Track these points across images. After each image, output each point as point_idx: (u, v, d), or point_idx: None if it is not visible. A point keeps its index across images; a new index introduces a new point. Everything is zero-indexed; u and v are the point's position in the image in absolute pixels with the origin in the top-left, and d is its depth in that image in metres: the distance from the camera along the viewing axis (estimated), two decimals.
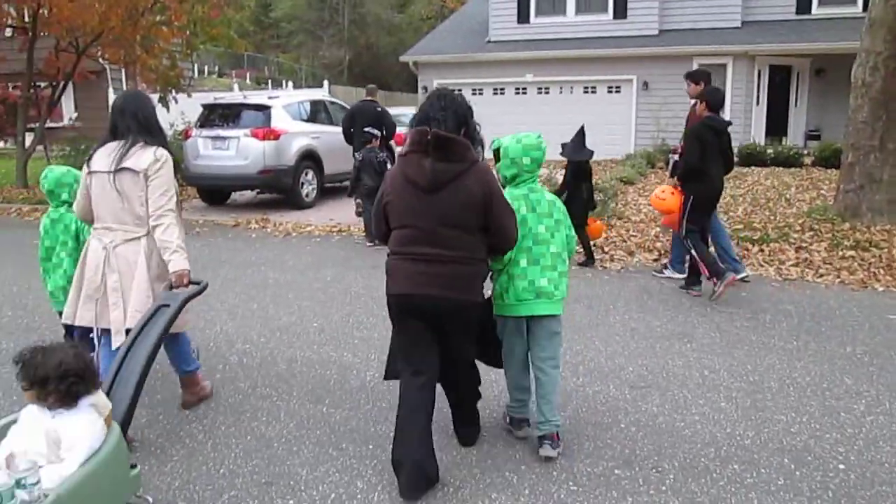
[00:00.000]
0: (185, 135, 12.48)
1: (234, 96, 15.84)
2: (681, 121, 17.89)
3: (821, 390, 4.39)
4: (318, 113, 12.78)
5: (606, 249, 8.35)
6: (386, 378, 3.70)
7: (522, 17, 20.14)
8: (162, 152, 3.68)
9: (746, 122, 18.01)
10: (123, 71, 24.59)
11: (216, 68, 36.36)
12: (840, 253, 7.86)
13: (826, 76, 18.42)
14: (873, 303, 6.34)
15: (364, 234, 9.18)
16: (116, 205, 3.65)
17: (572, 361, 4.87)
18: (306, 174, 11.84)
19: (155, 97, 15.57)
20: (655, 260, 7.97)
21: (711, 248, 6.64)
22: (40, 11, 12.97)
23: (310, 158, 11.86)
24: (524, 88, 20.14)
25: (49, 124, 15.44)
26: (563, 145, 7.50)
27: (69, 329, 4.06)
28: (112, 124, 3.73)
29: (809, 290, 6.75)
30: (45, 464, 2.54)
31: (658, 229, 9.10)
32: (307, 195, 11.87)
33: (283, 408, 4.20)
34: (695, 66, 18.09)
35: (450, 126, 3.29)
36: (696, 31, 18.60)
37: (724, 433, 3.84)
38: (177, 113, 14.73)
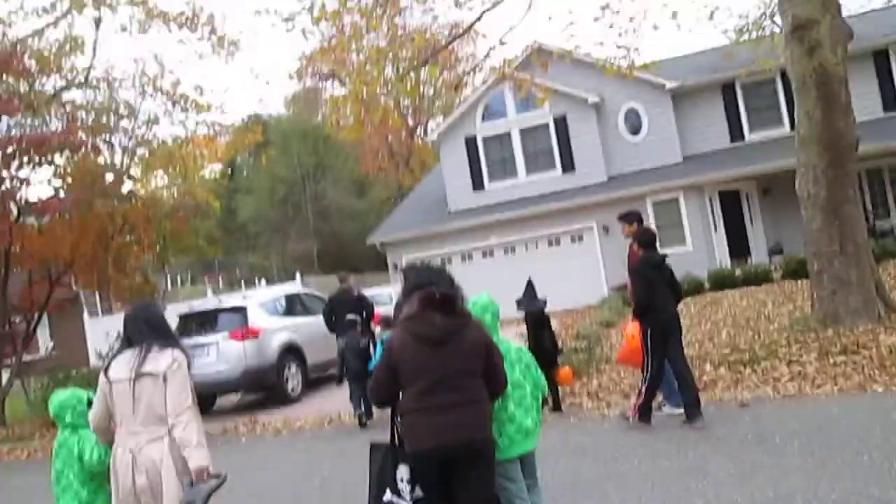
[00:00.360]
0: None
1: (209, 301, 15.98)
2: None
3: None
4: (294, 306, 12.90)
5: (601, 396, 8.24)
6: None
7: (477, 184, 21.04)
8: (178, 353, 3.88)
9: (709, 249, 18.51)
10: (98, 294, 24.87)
11: (189, 276, 36.91)
12: (831, 360, 7.85)
13: (773, 194, 19.23)
14: (877, 405, 6.27)
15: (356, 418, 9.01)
16: (140, 409, 3.76)
17: None
18: (290, 368, 11.73)
19: None
20: None
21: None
22: (12, 248, 13.24)
23: (292, 352, 11.81)
24: (490, 251, 20.65)
25: (25, 357, 15.31)
26: (518, 301, 8.15)
27: None
28: (126, 335, 3.98)
29: (811, 403, 6.68)
30: None
31: None
32: (293, 389, 11.71)
33: None
34: (648, 204, 18.89)
35: (446, 287, 3.70)
36: (642, 171, 19.52)
37: None
38: None
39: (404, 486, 3.60)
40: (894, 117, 18.33)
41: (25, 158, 13.16)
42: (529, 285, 8.16)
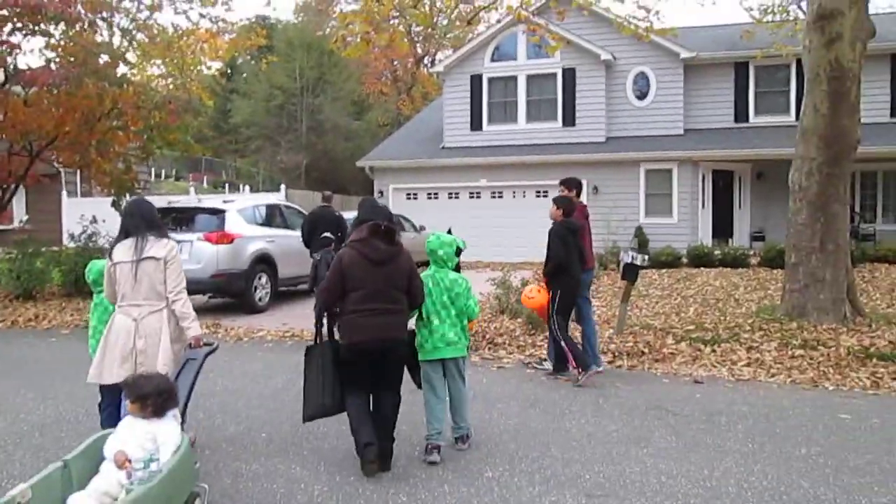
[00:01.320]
0: None
1: (189, 200, 15.83)
2: (632, 223, 18.38)
3: (778, 494, 4.34)
4: (273, 217, 12.81)
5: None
6: (305, 420, 4.90)
7: (476, 124, 20.81)
8: (171, 243, 4.73)
9: (693, 224, 18.58)
10: (79, 174, 24.55)
11: (173, 172, 36.47)
12: (790, 352, 7.97)
13: (766, 180, 19.25)
14: (825, 402, 6.39)
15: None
16: (141, 286, 4.58)
17: (528, 469, 4.75)
18: (260, 278, 11.73)
19: (108, 200, 15.51)
20: (610, 362, 7.98)
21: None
22: None
23: (264, 262, 11.79)
24: (478, 193, 20.57)
25: None
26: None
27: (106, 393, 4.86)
28: (125, 226, 4.73)
29: (762, 391, 6.79)
30: (141, 456, 3.59)
31: (611, 331, 9.15)
32: (260, 299, 11.73)
33: None
34: (641, 171, 18.86)
35: (388, 223, 4.92)
36: (641, 138, 19.40)
37: None
38: None
39: None
40: None
41: (19, 24, 12.76)
42: None
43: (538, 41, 15.07)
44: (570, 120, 19.98)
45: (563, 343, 7.02)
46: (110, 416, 4.72)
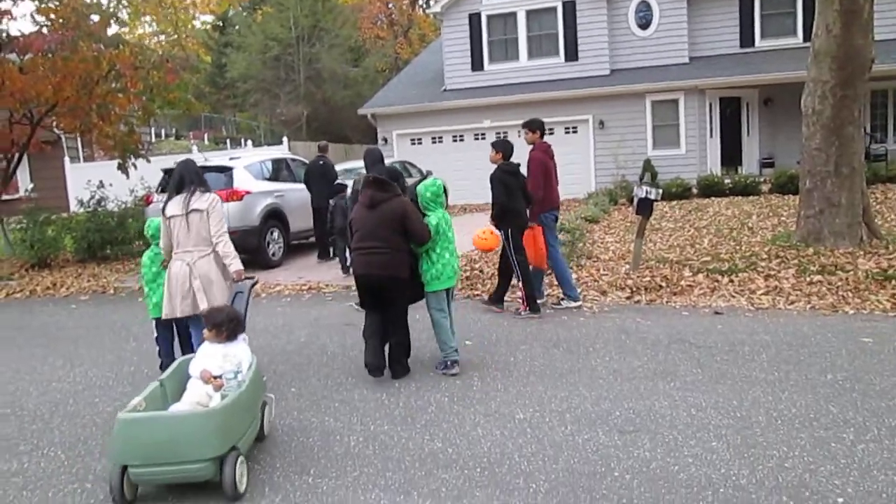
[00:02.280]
0: (147, 200, 12.34)
1: (195, 159, 15.71)
2: (640, 157, 18.20)
3: (808, 421, 4.39)
4: (280, 171, 12.74)
5: (579, 290, 8.34)
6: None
7: (476, 64, 20.46)
8: (213, 195, 5.57)
9: (702, 154, 18.39)
10: (80, 139, 24.38)
11: (173, 131, 36.15)
12: (808, 278, 7.97)
13: (774, 105, 18.95)
14: (846, 327, 6.41)
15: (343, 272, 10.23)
16: (191, 235, 5.46)
17: (558, 409, 4.81)
18: (272, 233, 11.73)
19: (112, 164, 15.42)
20: (628, 298, 7.99)
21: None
22: None
23: (275, 217, 11.77)
24: (482, 134, 20.33)
25: (4, 197, 15.14)
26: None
27: (161, 323, 5.97)
28: (178, 182, 5.59)
29: (783, 319, 6.81)
30: (221, 373, 4.38)
31: (626, 267, 9.15)
32: (274, 254, 11.75)
33: (267, 481, 4.06)
34: (647, 102, 18.59)
35: (383, 175, 5.96)
36: (646, 69, 19.06)
37: (719, 474, 3.79)
38: (136, 179, 14.54)
39: None
40: None
41: None
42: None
43: None
44: (572, 55, 19.61)
45: (520, 280, 7.41)
46: (165, 343, 6.07)
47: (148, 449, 3.73)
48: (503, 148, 7.52)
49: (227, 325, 4.53)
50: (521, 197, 7.39)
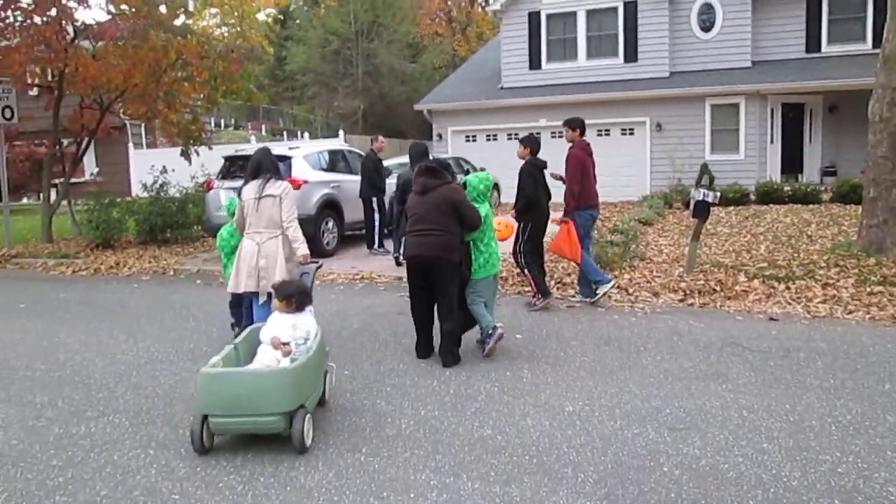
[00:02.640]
0: (207, 187, 12.66)
1: (254, 148, 16.07)
2: (697, 161, 17.98)
3: (864, 429, 4.33)
4: (337, 162, 12.95)
5: (631, 291, 8.32)
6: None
7: (534, 63, 20.44)
8: (286, 183, 5.97)
9: (762, 160, 18.05)
10: (143, 126, 25.12)
11: (232, 121, 36.93)
12: (868, 289, 7.80)
13: (839, 112, 18.49)
14: None
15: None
16: (262, 218, 5.85)
17: (608, 404, 4.83)
18: (327, 223, 11.94)
19: (173, 151, 15.86)
20: (681, 300, 7.94)
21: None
22: (66, 71, 13.30)
23: (330, 207, 11.97)
24: (538, 133, 20.28)
25: (73, 180, 15.71)
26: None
27: (235, 297, 6.62)
28: (255, 169, 5.96)
29: (840, 328, 6.69)
30: (290, 340, 4.76)
31: (681, 269, 9.07)
32: (328, 244, 11.95)
33: (321, 457, 4.18)
34: (707, 106, 18.31)
35: (432, 163, 6.17)
36: (706, 72, 18.79)
37: (769, 475, 3.78)
38: (197, 165, 14.95)
39: None
40: None
41: None
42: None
43: None
44: (631, 56, 19.44)
45: (527, 271, 7.74)
46: (238, 315, 6.72)
47: (228, 400, 4.19)
48: (531, 143, 7.77)
49: (297, 296, 4.94)
50: (545, 193, 7.75)
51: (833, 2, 18.34)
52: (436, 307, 5.94)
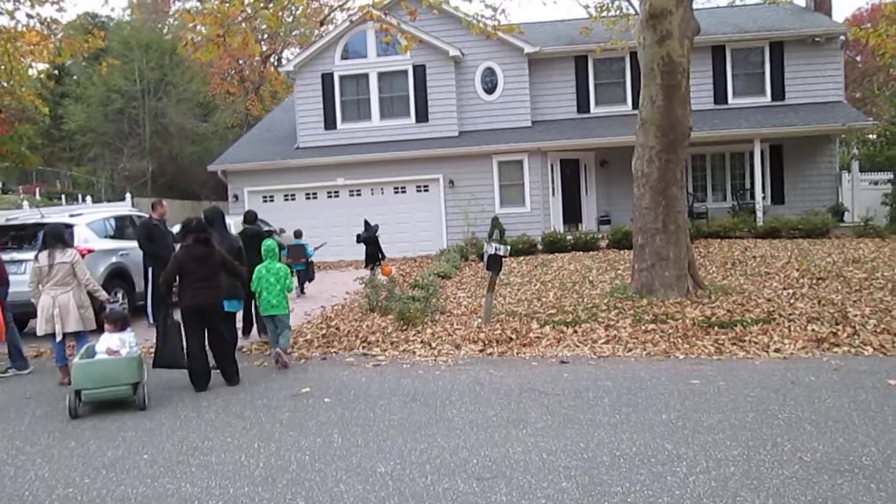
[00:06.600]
0: None
1: (30, 214, 14.76)
2: (488, 214, 18.91)
3: (647, 458, 4.77)
4: (124, 228, 12.24)
5: (434, 345, 8.57)
6: (155, 366, 7.33)
7: (329, 123, 20.74)
8: (74, 251, 7.87)
9: (546, 212, 19.48)
10: None
11: (0, 185, 33.65)
12: (643, 327, 8.64)
13: (609, 166, 20.50)
14: (677, 370, 7.01)
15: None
16: (55, 278, 7.68)
17: (418, 461, 4.93)
18: (116, 294, 11.17)
19: None
20: (481, 350, 8.30)
21: None
22: None
23: (119, 277, 11.27)
24: (336, 191, 20.52)
25: None
26: (358, 235, 14.38)
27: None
28: (44, 242, 7.86)
29: (622, 365, 7.34)
30: (118, 349, 6.89)
31: (479, 320, 9.50)
32: None
33: None
34: (494, 163, 19.53)
35: (205, 233, 7.54)
36: (492, 130, 20.10)
37: None
38: None
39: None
40: (722, 110, 19.97)
41: None
42: (366, 223, 14.65)
43: (390, 41, 15.23)
44: (423, 116, 20.34)
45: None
46: (58, 347, 7.89)
47: (97, 377, 6.52)
48: (247, 216, 10.43)
49: (120, 321, 7.14)
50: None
51: (598, 69, 20.49)
52: (211, 340, 7.44)
